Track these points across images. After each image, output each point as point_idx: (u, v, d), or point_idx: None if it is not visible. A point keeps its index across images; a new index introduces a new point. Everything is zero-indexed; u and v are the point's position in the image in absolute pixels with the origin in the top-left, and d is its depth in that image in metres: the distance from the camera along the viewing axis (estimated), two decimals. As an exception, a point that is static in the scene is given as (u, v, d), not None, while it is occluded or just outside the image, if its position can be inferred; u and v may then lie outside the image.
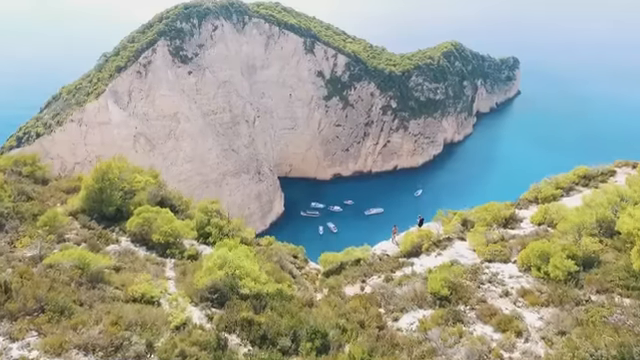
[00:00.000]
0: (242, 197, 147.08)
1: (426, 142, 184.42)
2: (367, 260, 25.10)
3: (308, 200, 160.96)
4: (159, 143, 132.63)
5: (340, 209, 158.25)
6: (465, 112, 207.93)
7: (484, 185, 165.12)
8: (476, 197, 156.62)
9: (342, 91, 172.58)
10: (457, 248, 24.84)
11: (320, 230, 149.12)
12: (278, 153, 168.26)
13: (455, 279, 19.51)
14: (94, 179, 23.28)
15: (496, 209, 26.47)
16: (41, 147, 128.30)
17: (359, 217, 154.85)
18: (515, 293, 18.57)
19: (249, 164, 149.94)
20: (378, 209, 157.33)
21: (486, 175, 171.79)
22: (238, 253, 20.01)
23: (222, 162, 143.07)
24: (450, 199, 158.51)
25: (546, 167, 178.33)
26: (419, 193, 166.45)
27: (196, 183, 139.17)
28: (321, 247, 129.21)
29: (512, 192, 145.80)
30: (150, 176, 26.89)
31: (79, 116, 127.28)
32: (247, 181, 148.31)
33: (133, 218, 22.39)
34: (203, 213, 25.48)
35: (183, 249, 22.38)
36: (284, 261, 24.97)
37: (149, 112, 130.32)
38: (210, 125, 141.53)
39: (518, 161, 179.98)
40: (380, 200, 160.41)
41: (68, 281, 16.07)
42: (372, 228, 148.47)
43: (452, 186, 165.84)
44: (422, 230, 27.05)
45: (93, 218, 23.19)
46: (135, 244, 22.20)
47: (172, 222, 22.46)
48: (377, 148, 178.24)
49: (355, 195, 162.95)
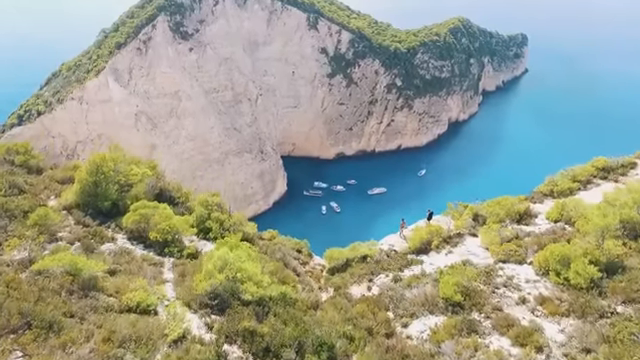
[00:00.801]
0: (245, 176, 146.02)
1: (431, 121, 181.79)
2: (374, 257, 24.05)
3: (311, 179, 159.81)
4: (161, 122, 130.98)
5: (343, 189, 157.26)
6: (471, 90, 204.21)
7: (489, 166, 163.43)
8: (481, 178, 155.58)
9: (346, 69, 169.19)
10: (468, 245, 23.72)
11: (323, 210, 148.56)
12: (281, 132, 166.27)
13: (468, 283, 18.45)
14: (88, 172, 22.11)
15: (509, 204, 25.23)
16: (42, 126, 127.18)
17: (362, 197, 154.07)
18: (533, 300, 17.53)
19: (252, 143, 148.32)
20: (381, 189, 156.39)
21: (491, 155, 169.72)
22: (239, 254, 18.96)
23: (224, 141, 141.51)
24: (454, 179, 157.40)
25: (553, 148, 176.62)
26: (423, 173, 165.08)
27: (198, 162, 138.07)
28: (324, 227, 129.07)
29: (517, 174, 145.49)
30: (147, 167, 25.69)
31: (79, 94, 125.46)
32: (250, 160, 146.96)
33: (129, 215, 21.31)
34: (203, 207, 24.37)
35: (182, 247, 21.36)
36: (287, 258, 23.96)
37: (150, 90, 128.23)
38: (212, 103, 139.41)
39: (524, 141, 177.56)
40: (383, 180, 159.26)
41: (58, 289, 15.08)
42: (375, 208, 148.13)
43: (456, 166, 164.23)
44: (431, 225, 25.90)
45: (88, 214, 22.12)
46: (132, 242, 21.18)
47: (170, 219, 21.37)
48: (381, 127, 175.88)
49: (358, 175, 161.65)
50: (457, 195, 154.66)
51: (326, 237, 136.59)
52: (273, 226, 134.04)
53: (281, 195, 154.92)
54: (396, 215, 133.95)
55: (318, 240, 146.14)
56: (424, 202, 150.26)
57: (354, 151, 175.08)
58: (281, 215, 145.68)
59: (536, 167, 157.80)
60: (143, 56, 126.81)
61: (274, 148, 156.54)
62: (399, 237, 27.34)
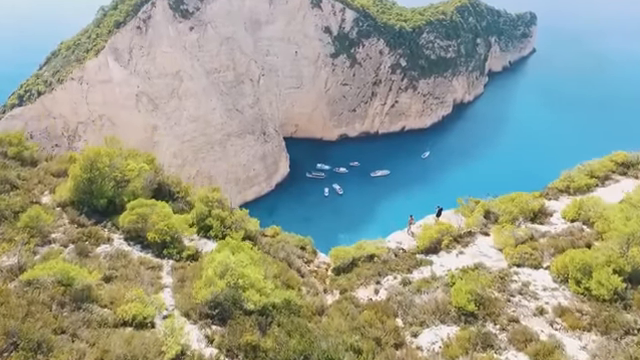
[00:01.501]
0: (247, 158, 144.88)
1: (435, 103, 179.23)
2: (381, 257, 23.08)
3: (314, 161, 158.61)
4: (162, 103, 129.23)
5: (346, 171, 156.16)
6: (477, 71, 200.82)
7: (494, 148, 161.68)
8: (485, 161, 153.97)
9: (350, 48, 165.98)
10: (480, 245, 22.72)
11: (325, 192, 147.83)
12: (283, 113, 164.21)
13: (482, 291, 17.49)
14: (82, 168, 21.02)
15: (523, 201, 24.11)
16: (43, 106, 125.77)
17: (365, 179, 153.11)
18: (551, 311, 16.57)
19: (254, 124, 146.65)
20: (384, 171, 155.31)
21: (496, 138, 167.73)
22: (241, 258, 18.01)
23: (226, 122, 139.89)
24: (458, 162, 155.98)
25: (561, 130, 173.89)
26: (426, 155, 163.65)
27: (200, 144, 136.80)
28: (326, 209, 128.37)
29: (523, 156, 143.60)
30: (145, 160, 24.56)
31: (79, 74, 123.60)
32: (252, 142, 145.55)
33: (126, 214, 20.30)
34: (203, 204, 23.33)
35: (181, 248, 20.40)
36: (291, 257, 23.04)
37: (150, 70, 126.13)
38: (214, 84, 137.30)
39: (531, 123, 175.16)
40: (386, 162, 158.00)
41: (49, 301, 14.16)
42: (378, 190, 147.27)
43: (461, 149, 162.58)
44: (441, 223, 24.86)
45: (83, 212, 21.10)
46: (129, 242, 20.22)
47: (169, 218, 20.35)
48: (385, 108, 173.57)
49: (361, 156, 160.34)
50: (461, 178, 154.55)
51: (329, 219, 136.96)
52: (275, 209, 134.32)
53: (283, 177, 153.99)
54: (399, 198, 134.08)
55: (321, 223, 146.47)
56: (427, 185, 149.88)
57: (357, 133, 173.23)
58: (284, 197, 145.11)
59: (542, 150, 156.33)
60: (143, 35, 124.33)
61: (276, 129, 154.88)
62: (407, 234, 26.35)
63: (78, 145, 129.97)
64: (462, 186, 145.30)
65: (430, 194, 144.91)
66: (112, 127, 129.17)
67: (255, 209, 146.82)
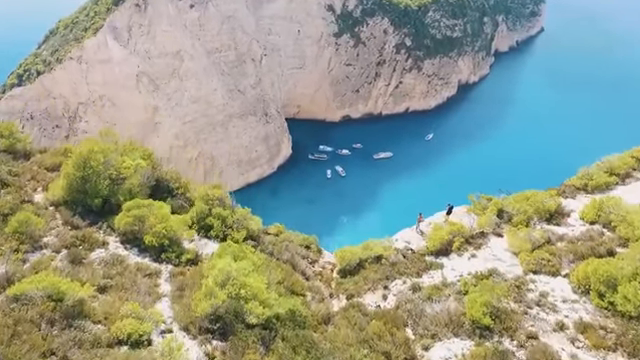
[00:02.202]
0: (249, 139, 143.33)
1: (440, 83, 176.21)
2: (389, 258, 22.08)
3: (316, 143, 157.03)
4: (163, 83, 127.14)
5: (348, 152, 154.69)
6: (483, 51, 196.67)
7: (498, 130, 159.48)
8: (490, 144, 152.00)
9: (353, 27, 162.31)
10: (493, 248, 21.68)
11: (328, 174, 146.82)
12: (286, 94, 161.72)
13: (498, 302, 16.53)
14: (74, 166, 19.88)
15: (539, 200, 22.96)
16: (42, 86, 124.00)
17: (368, 161, 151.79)
18: (572, 327, 15.63)
19: (256, 105, 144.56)
20: (387, 153, 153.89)
21: (501, 120, 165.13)
22: (243, 265, 17.02)
23: (228, 103, 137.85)
24: (462, 144, 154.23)
25: (569, 113, 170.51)
26: (430, 137, 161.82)
27: (202, 125, 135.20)
28: (329, 191, 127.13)
29: (529, 140, 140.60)
30: (142, 155, 23.40)
31: (78, 53, 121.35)
32: (254, 123, 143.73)
33: (122, 216, 19.26)
34: (203, 202, 22.25)
35: (181, 251, 19.40)
36: (296, 258, 22.09)
37: (151, 50, 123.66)
38: (215, 64, 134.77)
39: (537, 106, 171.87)
40: (389, 144, 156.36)
41: (37, 319, 13.24)
42: (381, 173, 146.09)
43: (465, 131, 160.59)
44: (452, 222, 23.76)
45: (77, 212, 20.05)
46: (125, 245, 19.22)
47: (167, 220, 19.30)
48: (388, 89, 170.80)
49: (364, 138, 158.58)
50: (464, 161, 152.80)
51: (331, 201, 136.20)
52: (278, 191, 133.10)
53: (286, 159, 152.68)
54: (402, 181, 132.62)
55: (323, 205, 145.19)
56: (431, 168, 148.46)
57: (360, 114, 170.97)
58: (286, 179, 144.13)
59: (549, 133, 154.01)
60: (142, 13, 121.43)
61: (279, 110, 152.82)
62: (415, 232, 25.29)
63: (79, 126, 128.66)
64: (466, 170, 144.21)
65: (433, 177, 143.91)
66: (113, 108, 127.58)
67: (257, 191, 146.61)
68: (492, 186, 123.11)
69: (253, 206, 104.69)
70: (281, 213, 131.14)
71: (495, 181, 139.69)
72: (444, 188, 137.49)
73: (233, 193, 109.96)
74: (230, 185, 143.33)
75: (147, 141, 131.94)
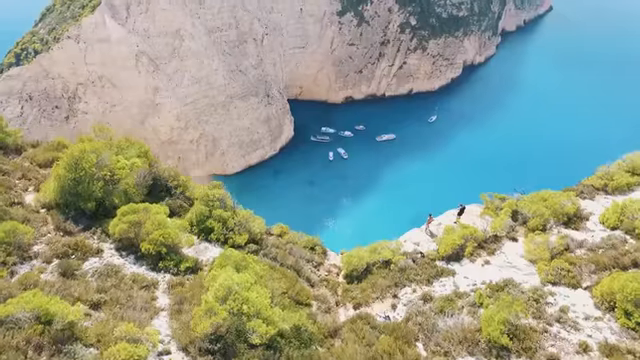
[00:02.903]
0: (250, 121, 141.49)
1: (445, 64, 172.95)
2: (398, 263, 21.05)
3: (318, 124, 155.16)
4: (162, 63, 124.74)
5: (351, 134, 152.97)
6: (489, 31, 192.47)
7: (504, 114, 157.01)
8: (495, 127, 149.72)
9: (357, 5, 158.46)
10: (508, 254, 20.60)
11: (330, 156, 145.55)
12: (288, 74, 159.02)
13: (516, 319, 15.52)
14: (66, 168, 18.69)
15: (556, 202, 21.76)
16: (40, 66, 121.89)
17: (370, 143, 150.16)
18: (597, 349, 14.66)
19: (257, 86, 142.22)
20: (390, 135, 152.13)
21: (507, 102, 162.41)
22: (245, 278, 15.99)
23: (229, 84, 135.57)
24: (466, 127, 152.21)
25: (577, 95, 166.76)
26: (433, 119, 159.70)
27: (203, 106, 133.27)
28: (331, 174, 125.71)
29: (535, 123, 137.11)
30: (138, 152, 22.16)
31: (76, 32, 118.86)
32: (256, 104, 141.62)
33: (116, 222, 18.15)
34: (203, 203, 21.12)
35: (179, 259, 18.37)
36: (300, 264, 21.07)
37: (150, 28, 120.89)
38: (215, 43, 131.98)
39: (544, 87, 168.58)
40: (392, 126, 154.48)
41: (24, 346, 12.26)
42: (383, 155, 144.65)
43: (469, 113, 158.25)
44: (464, 225, 22.61)
45: (69, 217, 18.96)
46: (121, 252, 18.19)
47: (164, 226, 18.19)
48: (392, 70, 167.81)
49: (367, 120, 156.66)
50: (468, 144, 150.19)
51: (333, 184, 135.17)
52: (280, 173, 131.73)
53: (288, 140, 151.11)
54: (404, 163, 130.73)
55: (325, 187, 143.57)
56: (433, 151, 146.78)
57: (363, 95, 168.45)
58: (288, 161, 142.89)
59: (557, 116, 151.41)
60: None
61: (281, 91, 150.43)
62: (424, 233, 24.22)
63: (79, 107, 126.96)
64: (469, 153, 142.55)
65: (436, 160, 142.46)
66: (112, 88, 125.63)
67: (259, 173, 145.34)
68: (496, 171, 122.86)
69: (255, 188, 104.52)
70: (283, 195, 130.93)
71: (500, 166, 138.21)
72: (447, 172, 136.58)
73: (235, 176, 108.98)
74: (232, 167, 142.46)
75: (148, 122, 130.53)
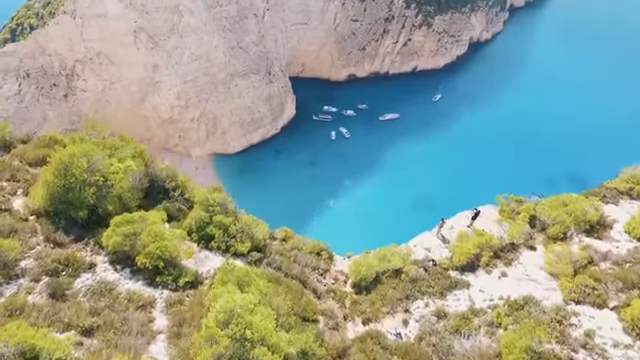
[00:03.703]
0: (252, 99, 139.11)
1: (450, 41, 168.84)
2: (409, 273, 19.92)
3: (320, 103, 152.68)
4: (161, 39, 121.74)
5: (353, 113, 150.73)
6: (497, 6, 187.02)
7: (511, 92, 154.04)
8: (501, 107, 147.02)
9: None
10: (527, 265, 19.44)
11: (332, 135, 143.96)
12: (289, 51, 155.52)
13: (539, 345, 14.45)
14: (54, 174, 17.36)
15: (578, 208, 20.47)
16: (37, 43, 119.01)
17: (373, 122, 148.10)
18: (628, 383, 13.62)
19: (259, 64, 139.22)
20: (393, 114, 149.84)
21: (514, 82, 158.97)
22: (248, 299, 14.86)
23: (230, 61, 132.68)
24: (471, 106, 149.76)
25: (590, 75, 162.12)
26: (437, 98, 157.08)
27: (203, 84, 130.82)
28: (333, 154, 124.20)
29: (544, 104, 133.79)
30: (133, 152, 20.78)
31: (71, 7, 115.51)
32: (257, 82, 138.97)
33: (110, 233, 16.94)
34: (203, 209, 19.86)
35: (178, 273, 17.22)
36: (306, 273, 19.93)
37: (148, 3, 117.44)
38: (215, 19, 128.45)
39: (555, 67, 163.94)
40: (396, 105, 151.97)
41: (7, 388, 11.20)
42: (386, 135, 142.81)
43: (475, 92, 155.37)
44: (479, 232, 21.35)
45: (60, 226, 17.73)
46: (115, 266, 17.03)
47: (161, 238, 16.98)
48: (396, 47, 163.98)
49: (370, 99, 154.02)
50: (472, 125, 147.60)
51: (335, 164, 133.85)
52: (281, 152, 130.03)
53: (289, 119, 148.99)
54: (408, 143, 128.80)
55: (327, 167, 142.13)
56: (437, 130, 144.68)
57: (366, 73, 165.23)
58: (290, 140, 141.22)
59: (567, 97, 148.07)
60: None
61: (282, 69, 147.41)
62: (436, 237, 23.01)
63: (77, 85, 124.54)
64: (473, 133, 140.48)
65: (440, 140, 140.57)
66: (111, 66, 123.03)
67: (260, 152, 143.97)
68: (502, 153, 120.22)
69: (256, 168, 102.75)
70: (284, 175, 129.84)
71: (505, 147, 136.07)
72: (451, 153, 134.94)
73: (236, 155, 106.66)
74: (233, 146, 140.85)
75: (148, 101, 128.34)
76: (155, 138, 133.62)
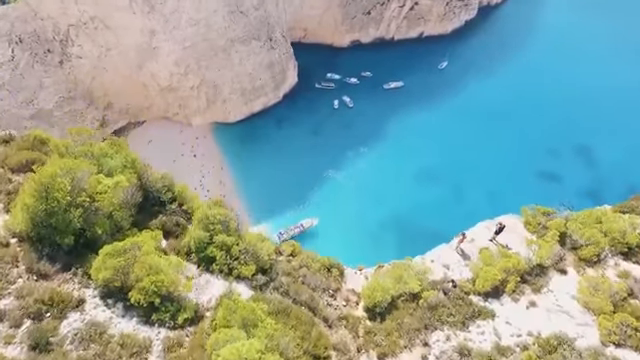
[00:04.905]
0: (253, 66, 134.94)
1: (459, 5, 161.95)
2: (427, 299, 18.27)
3: (323, 70, 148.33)
4: (158, 3, 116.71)
5: (357, 81, 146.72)
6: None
7: (521, 61, 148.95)
8: (509, 74, 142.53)
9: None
10: (557, 293, 17.77)
11: (335, 104, 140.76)
12: (291, 15, 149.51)
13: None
14: (34, 197, 15.40)
15: (615, 228, 18.58)
16: (28, 6, 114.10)
17: (377, 91, 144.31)
18: None
19: (259, 29, 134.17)
20: (398, 82, 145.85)
21: (526, 47, 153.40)
22: (255, 346, 13.26)
23: (230, 26, 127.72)
24: (478, 74, 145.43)
25: (605, 42, 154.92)
26: (444, 65, 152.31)
27: (203, 50, 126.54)
28: (336, 123, 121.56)
29: (559, 76, 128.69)
30: (124, 162, 18.72)
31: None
32: (258, 49, 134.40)
33: (99, 266, 15.16)
34: (203, 228, 18.01)
35: (176, 309, 15.56)
36: (315, 299, 18.28)
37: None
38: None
39: (572, 33, 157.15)
40: (400, 72, 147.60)
41: None
42: (390, 104, 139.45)
43: (482, 59, 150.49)
44: (505, 253, 19.51)
45: (44, 254, 15.93)
46: (106, 301, 15.35)
47: (157, 269, 15.22)
48: (403, 11, 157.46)
49: (374, 66, 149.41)
50: (479, 94, 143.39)
51: (338, 135, 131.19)
52: (283, 121, 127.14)
53: (291, 87, 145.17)
54: (412, 113, 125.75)
55: (329, 138, 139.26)
56: (443, 99, 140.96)
57: (371, 39, 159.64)
58: (292, 109, 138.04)
59: (579, 64, 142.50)
60: None
61: (284, 35, 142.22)
62: (455, 251, 21.27)
63: (72, 51, 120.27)
64: (480, 103, 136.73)
65: (446, 110, 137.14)
66: (106, 31, 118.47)
67: (262, 121, 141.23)
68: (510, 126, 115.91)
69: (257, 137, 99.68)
70: (286, 145, 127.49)
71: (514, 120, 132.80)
72: (456, 123, 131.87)
73: (237, 124, 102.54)
74: (234, 115, 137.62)
75: (146, 68, 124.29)
76: (154, 106, 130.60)
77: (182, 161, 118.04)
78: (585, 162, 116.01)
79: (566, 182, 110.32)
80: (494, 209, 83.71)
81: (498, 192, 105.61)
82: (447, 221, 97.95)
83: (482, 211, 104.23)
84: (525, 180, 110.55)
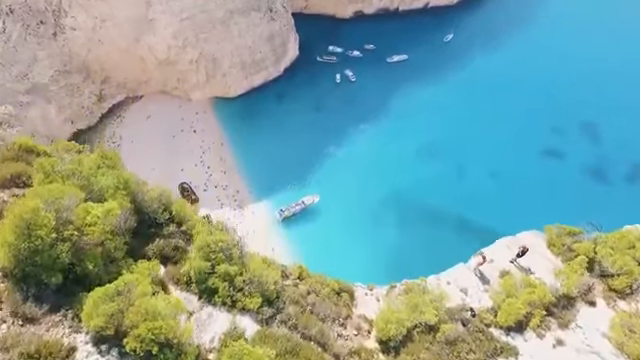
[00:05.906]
0: (253, 39, 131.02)
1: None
2: (445, 334, 17.02)
3: (325, 43, 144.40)
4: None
5: (360, 54, 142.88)
6: None
7: (532, 34, 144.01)
8: (520, 50, 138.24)
9: None
10: (587, 329, 16.50)
11: (337, 78, 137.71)
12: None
13: None
14: (15, 233, 13.86)
15: (650, 256, 17.13)
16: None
17: (381, 64, 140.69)
18: None
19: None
20: (402, 56, 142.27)
21: (533, 21, 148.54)
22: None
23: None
24: (485, 47, 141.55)
25: (620, 16, 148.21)
26: (449, 38, 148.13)
27: (201, 22, 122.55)
28: (338, 99, 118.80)
29: (573, 51, 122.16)
30: (117, 182, 17.09)
31: None
32: (258, 20, 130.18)
33: (89, 312, 13.76)
34: (204, 257, 16.55)
35: (176, 355, 14.26)
36: (325, 332, 17.02)
37: None
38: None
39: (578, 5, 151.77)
40: (405, 45, 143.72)
41: None
42: (394, 78, 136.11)
43: (490, 32, 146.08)
44: (530, 283, 18.07)
45: (30, 294, 14.52)
46: (100, 348, 14.04)
47: (154, 314, 13.85)
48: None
49: (377, 38, 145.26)
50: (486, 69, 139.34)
51: (340, 110, 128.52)
52: (284, 96, 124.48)
53: (292, 61, 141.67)
54: (416, 87, 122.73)
55: (331, 113, 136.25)
56: (448, 73, 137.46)
57: (375, 9, 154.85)
58: (292, 83, 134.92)
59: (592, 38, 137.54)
60: None
61: (285, 5, 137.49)
62: (473, 272, 19.91)
63: (66, 22, 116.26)
64: (485, 78, 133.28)
65: (451, 85, 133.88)
66: (100, 1, 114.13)
67: (262, 96, 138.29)
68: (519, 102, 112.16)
69: (258, 112, 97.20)
70: (287, 121, 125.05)
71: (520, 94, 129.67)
72: (461, 98, 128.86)
73: (237, 99, 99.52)
74: (234, 89, 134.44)
75: (143, 40, 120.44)
76: (152, 80, 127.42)
77: (182, 137, 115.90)
78: (590, 138, 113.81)
79: (570, 158, 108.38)
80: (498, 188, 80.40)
81: (501, 169, 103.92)
82: (449, 199, 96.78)
83: (485, 188, 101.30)
84: (529, 156, 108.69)
